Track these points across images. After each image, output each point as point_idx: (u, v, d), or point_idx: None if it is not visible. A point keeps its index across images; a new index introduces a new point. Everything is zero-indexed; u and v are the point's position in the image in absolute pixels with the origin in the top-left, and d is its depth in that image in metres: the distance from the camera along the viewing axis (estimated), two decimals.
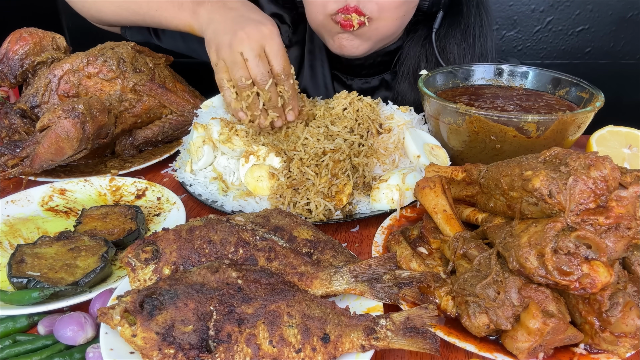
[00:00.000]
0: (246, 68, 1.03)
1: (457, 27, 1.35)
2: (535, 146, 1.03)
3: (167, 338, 0.60)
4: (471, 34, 1.35)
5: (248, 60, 1.02)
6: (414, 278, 0.73)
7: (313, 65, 1.48)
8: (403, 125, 1.13)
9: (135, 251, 0.71)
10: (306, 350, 0.62)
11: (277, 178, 1.00)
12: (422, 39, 1.38)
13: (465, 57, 1.36)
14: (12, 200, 1.03)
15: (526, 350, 0.63)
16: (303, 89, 1.49)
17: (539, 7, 2.19)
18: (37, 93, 1.24)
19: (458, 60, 1.36)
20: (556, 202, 0.65)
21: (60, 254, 0.84)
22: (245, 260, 0.72)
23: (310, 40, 1.48)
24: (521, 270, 0.64)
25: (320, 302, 0.67)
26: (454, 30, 1.35)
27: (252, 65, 1.03)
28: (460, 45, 1.35)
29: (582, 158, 0.67)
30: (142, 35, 1.48)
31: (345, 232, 0.99)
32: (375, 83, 1.49)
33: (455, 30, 1.35)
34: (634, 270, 0.68)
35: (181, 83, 1.44)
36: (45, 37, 1.29)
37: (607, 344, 0.64)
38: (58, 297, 0.76)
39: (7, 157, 1.07)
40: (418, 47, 1.39)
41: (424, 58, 1.38)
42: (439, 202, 0.84)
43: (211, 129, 1.09)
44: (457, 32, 1.35)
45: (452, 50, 1.36)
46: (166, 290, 0.64)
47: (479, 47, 1.36)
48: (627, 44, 2.20)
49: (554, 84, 1.24)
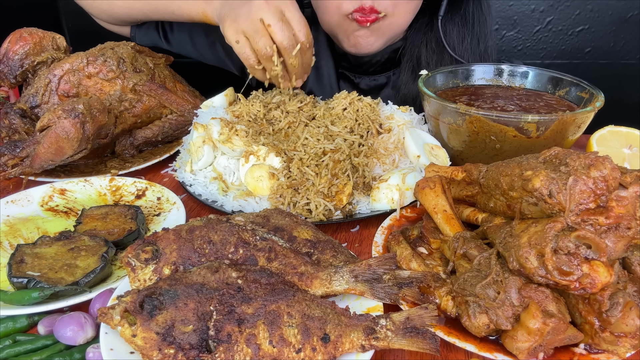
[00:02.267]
0: (268, 35, 1.00)
1: (457, 13, 1.38)
2: (535, 146, 1.03)
3: (167, 338, 0.60)
4: (470, 17, 1.37)
5: (271, 25, 0.98)
6: (414, 278, 0.73)
7: (318, 66, 1.49)
8: (403, 125, 1.13)
9: (135, 251, 0.71)
10: (306, 350, 0.62)
11: (277, 178, 1.00)
12: (424, 26, 1.41)
13: (464, 40, 1.38)
14: (12, 200, 1.03)
15: (526, 350, 0.63)
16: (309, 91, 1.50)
17: (539, 7, 2.19)
18: (37, 93, 1.24)
19: (457, 44, 1.38)
20: (556, 202, 0.65)
21: (60, 254, 0.84)
22: (245, 260, 0.72)
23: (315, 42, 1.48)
24: (521, 270, 0.64)
25: (320, 302, 0.67)
26: (455, 16, 1.38)
27: (277, 30, 0.99)
28: (460, 30, 1.38)
29: (582, 158, 0.67)
30: (150, 38, 1.47)
31: (345, 232, 0.99)
32: (382, 80, 1.50)
33: (455, 15, 1.38)
34: (634, 270, 0.68)
35: (181, 83, 1.44)
36: (45, 37, 1.29)
37: (607, 344, 0.64)
38: (58, 297, 0.76)
39: (7, 157, 1.07)
40: (420, 35, 1.41)
41: (424, 46, 1.40)
42: (439, 202, 0.84)
43: (211, 129, 1.09)
44: (457, 17, 1.38)
45: (452, 35, 1.38)
46: (166, 290, 0.64)
47: (478, 31, 1.39)
48: (627, 44, 2.19)
49: (554, 84, 1.24)
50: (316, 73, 1.49)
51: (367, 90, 1.51)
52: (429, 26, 1.40)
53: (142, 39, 1.47)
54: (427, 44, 1.39)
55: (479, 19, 1.38)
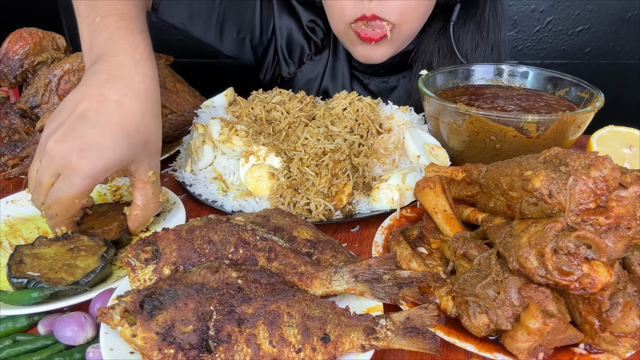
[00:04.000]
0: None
1: (471, 19, 1.36)
2: (535, 146, 1.03)
3: (167, 338, 0.60)
4: (485, 25, 1.35)
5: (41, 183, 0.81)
6: (414, 278, 0.73)
7: (335, 65, 1.49)
8: (403, 125, 1.13)
9: (135, 251, 0.71)
10: (306, 350, 0.62)
11: (277, 178, 1.00)
12: (437, 32, 1.39)
13: (477, 48, 1.37)
14: (12, 200, 1.03)
15: (526, 350, 0.63)
16: (324, 89, 1.51)
17: (539, 7, 2.19)
18: (37, 93, 1.24)
19: (470, 51, 1.36)
20: (556, 202, 0.65)
21: (60, 254, 0.84)
22: (245, 260, 0.72)
23: (334, 42, 1.49)
24: (521, 270, 0.64)
25: (320, 302, 0.67)
26: (468, 22, 1.36)
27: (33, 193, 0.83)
28: (474, 37, 1.36)
29: (582, 158, 0.67)
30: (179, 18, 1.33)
31: (345, 232, 0.99)
32: (393, 83, 1.49)
33: (469, 22, 1.36)
34: (634, 270, 0.68)
35: (181, 83, 1.44)
36: (45, 37, 1.29)
37: (607, 344, 0.64)
38: (58, 297, 0.76)
39: (7, 157, 1.08)
40: (432, 40, 1.39)
41: (436, 51, 1.38)
42: (439, 202, 0.84)
43: (211, 129, 1.09)
44: (471, 24, 1.36)
45: (465, 42, 1.36)
46: (166, 290, 0.64)
47: (493, 38, 1.37)
48: (627, 44, 2.20)
49: (554, 84, 1.24)
50: (332, 72, 1.49)
51: (377, 93, 1.50)
52: (441, 32, 1.38)
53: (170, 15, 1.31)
54: (440, 50, 1.38)
55: (494, 26, 1.36)
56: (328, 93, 1.50)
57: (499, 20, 1.36)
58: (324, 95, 1.51)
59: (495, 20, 1.36)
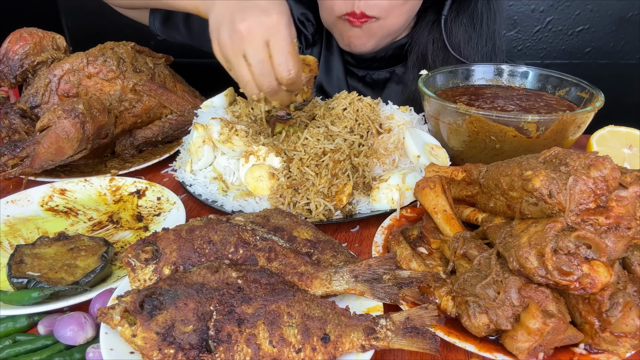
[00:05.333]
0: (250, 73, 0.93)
1: (464, 12, 1.37)
2: (535, 146, 1.03)
3: (167, 338, 0.60)
4: (479, 17, 1.37)
5: (251, 65, 0.92)
6: (414, 278, 0.73)
7: (329, 59, 1.51)
8: (403, 125, 1.13)
9: (135, 251, 0.71)
10: (306, 350, 0.62)
11: (277, 178, 1.00)
12: (430, 24, 1.40)
13: (470, 40, 1.38)
14: (12, 200, 1.03)
15: (526, 350, 0.63)
16: (318, 84, 1.52)
17: (539, 7, 2.19)
18: (37, 93, 1.24)
19: (464, 44, 1.37)
20: (556, 202, 0.65)
21: (60, 254, 0.84)
22: (245, 260, 0.72)
23: (327, 37, 1.51)
24: (521, 270, 0.64)
25: (320, 302, 0.67)
26: (461, 15, 1.37)
27: (256, 73, 0.93)
28: (467, 30, 1.37)
29: (582, 158, 0.67)
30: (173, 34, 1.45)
31: (345, 232, 0.99)
32: (387, 75, 1.51)
33: (462, 14, 1.37)
34: (634, 270, 0.68)
35: (181, 83, 1.44)
36: (45, 37, 1.29)
37: (607, 344, 0.64)
38: (58, 297, 0.76)
39: (7, 157, 1.08)
40: (425, 33, 1.41)
41: (430, 44, 1.40)
42: (439, 202, 0.84)
43: (211, 129, 1.09)
44: (464, 17, 1.37)
45: (457, 35, 1.37)
46: (166, 290, 0.64)
47: (486, 31, 1.38)
48: (627, 44, 2.19)
49: (554, 84, 1.24)
50: (326, 67, 1.51)
51: (372, 84, 1.51)
52: (435, 24, 1.39)
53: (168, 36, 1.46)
54: (434, 42, 1.39)
55: (488, 19, 1.37)
56: (323, 88, 1.51)
57: (492, 13, 1.37)
58: (318, 90, 1.52)
59: (489, 13, 1.37)
